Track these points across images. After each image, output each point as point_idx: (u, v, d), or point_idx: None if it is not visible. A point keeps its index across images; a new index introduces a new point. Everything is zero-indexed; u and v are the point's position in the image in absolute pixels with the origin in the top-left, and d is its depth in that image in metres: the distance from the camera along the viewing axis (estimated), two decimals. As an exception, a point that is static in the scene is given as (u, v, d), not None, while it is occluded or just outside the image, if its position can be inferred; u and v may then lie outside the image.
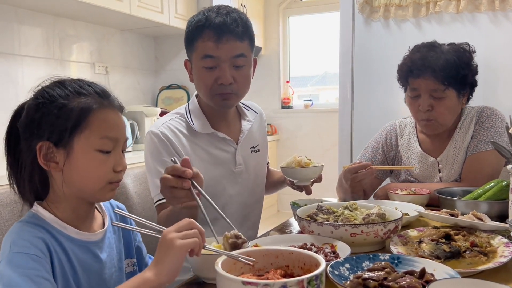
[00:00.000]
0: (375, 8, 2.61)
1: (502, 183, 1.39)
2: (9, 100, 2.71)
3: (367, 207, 1.24)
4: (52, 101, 0.90)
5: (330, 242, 1.06)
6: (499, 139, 1.59)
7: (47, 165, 0.90)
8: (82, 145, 0.89)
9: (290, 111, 5.05)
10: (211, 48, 1.33)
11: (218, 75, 1.35)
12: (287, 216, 1.56)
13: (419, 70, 1.59)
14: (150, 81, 3.88)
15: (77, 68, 3.18)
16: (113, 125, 0.94)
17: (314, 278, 0.70)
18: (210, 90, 1.37)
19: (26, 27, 2.80)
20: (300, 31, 5.14)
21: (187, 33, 1.41)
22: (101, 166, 0.91)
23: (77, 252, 0.93)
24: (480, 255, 1.00)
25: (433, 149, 1.73)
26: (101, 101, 0.93)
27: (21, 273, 0.80)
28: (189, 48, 1.41)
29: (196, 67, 1.39)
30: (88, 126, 0.90)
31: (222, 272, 0.73)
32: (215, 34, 1.32)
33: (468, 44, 1.66)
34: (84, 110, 0.90)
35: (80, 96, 0.91)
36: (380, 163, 1.81)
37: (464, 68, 1.59)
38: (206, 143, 1.44)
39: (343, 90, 2.75)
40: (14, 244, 0.84)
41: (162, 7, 3.32)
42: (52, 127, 0.89)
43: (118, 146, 0.94)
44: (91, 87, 0.94)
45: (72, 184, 0.92)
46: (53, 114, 0.89)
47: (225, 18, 1.33)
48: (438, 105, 1.60)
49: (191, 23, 1.39)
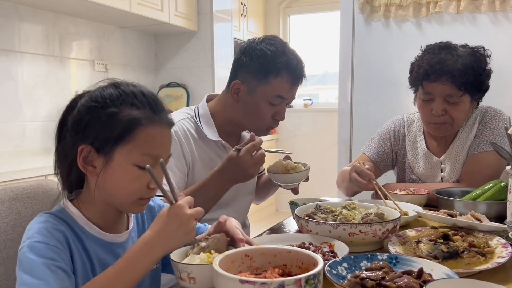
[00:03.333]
0: (376, 8, 2.61)
1: (500, 184, 1.39)
2: (9, 96, 2.71)
3: (365, 206, 1.24)
4: (103, 107, 0.89)
5: (329, 242, 1.06)
6: (501, 140, 1.58)
7: (85, 168, 0.90)
8: (122, 157, 0.88)
9: (290, 110, 5.04)
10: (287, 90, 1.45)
11: (278, 111, 1.47)
12: (285, 215, 1.56)
13: (437, 74, 1.54)
14: (149, 79, 3.88)
15: (77, 65, 3.18)
16: (158, 143, 0.92)
17: (312, 277, 0.70)
18: (268, 123, 1.49)
19: (27, 24, 2.79)
20: (300, 30, 5.14)
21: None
22: (136, 181, 0.90)
23: (98, 252, 0.93)
24: (478, 255, 1.00)
25: (438, 149, 1.73)
26: (152, 117, 0.90)
27: (40, 262, 0.81)
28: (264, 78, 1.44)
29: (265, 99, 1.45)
30: (132, 140, 0.88)
31: (219, 270, 0.73)
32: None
33: (483, 48, 1.62)
34: (132, 123, 0.88)
35: (132, 107, 0.89)
36: (385, 154, 1.80)
37: (481, 74, 1.56)
38: (211, 150, 1.49)
39: (342, 90, 2.75)
40: (37, 233, 0.85)
41: (162, 5, 3.32)
42: (97, 133, 0.88)
43: (158, 163, 0.90)
44: (145, 98, 0.92)
45: (104, 191, 0.91)
46: (101, 120, 0.88)
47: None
48: (452, 110, 1.58)
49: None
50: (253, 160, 1.29)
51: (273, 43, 1.44)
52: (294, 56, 1.45)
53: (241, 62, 1.46)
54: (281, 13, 5.08)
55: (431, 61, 1.57)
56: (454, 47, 1.60)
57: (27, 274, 0.80)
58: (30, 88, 2.84)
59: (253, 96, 1.44)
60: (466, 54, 1.57)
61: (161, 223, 0.84)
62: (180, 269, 0.84)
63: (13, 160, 2.56)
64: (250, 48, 1.44)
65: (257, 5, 4.86)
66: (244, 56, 1.45)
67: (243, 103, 1.46)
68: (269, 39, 1.46)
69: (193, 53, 3.86)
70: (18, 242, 1.06)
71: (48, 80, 2.96)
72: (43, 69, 2.93)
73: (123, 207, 0.94)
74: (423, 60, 1.61)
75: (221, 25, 3.87)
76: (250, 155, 1.29)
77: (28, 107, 2.83)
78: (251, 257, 0.83)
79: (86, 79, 3.25)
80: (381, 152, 1.80)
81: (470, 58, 1.55)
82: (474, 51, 1.60)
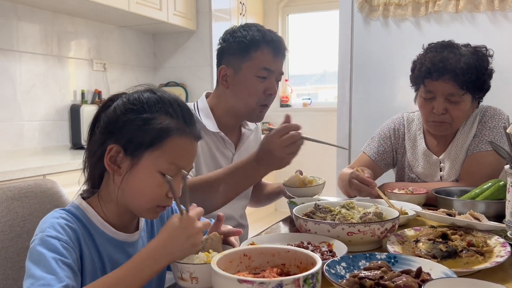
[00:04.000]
0: (374, 7, 2.61)
1: (499, 183, 1.39)
2: (7, 96, 2.70)
3: (364, 206, 1.23)
4: (140, 111, 0.91)
5: (327, 241, 1.06)
6: (500, 139, 1.58)
7: (110, 167, 0.91)
8: (149, 163, 0.90)
9: (289, 109, 5.04)
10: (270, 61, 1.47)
11: (269, 85, 1.48)
12: (284, 214, 1.56)
13: (440, 73, 1.54)
14: (148, 78, 3.87)
15: (75, 64, 3.18)
16: (185, 155, 0.94)
17: (310, 276, 0.70)
18: (260, 99, 1.49)
19: (25, 23, 2.79)
20: (299, 30, 5.13)
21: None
22: (157, 189, 0.91)
23: (110, 251, 0.94)
24: (477, 254, 1.00)
25: (437, 148, 1.72)
26: (184, 128, 0.92)
27: (50, 256, 0.81)
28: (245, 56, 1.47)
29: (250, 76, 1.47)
30: (162, 148, 0.90)
31: (218, 270, 0.72)
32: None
33: (485, 48, 1.62)
34: (164, 131, 0.90)
35: (166, 115, 0.91)
36: (386, 153, 1.80)
37: (483, 74, 1.56)
38: (210, 142, 1.51)
39: (341, 89, 2.75)
40: (49, 227, 0.86)
41: (161, 4, 3.31)
42: (130, 135, 0.90)
43: (180, 174, 0.93)
44: (180, 108, 0.94)
45: (124, 193, 0.92)
46: (136, 124, 0.90)
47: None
48: (453, 109, 1.57)
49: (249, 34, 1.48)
50: (282, 142, 1.23)
51: (249, 25, 1.51)
52: (269, 31, 1.50)
53: (222, 49, 1.52)
54: (280, 12, 5.08)
55: (434, 59, 1.57)
56: (456, 46, 1.60)
57: (35, 266, 0.80)
58: (29, 88, 2.84)
59: (240, 74, 1.47)
60: (469, 53, 1.56)
61: (170, 232, 0.85)
62: (181, 269, 0.84)
63: (11, 159, 2.55)
64: (227, 34, 1.51)
65: (256, 4, 4.86)
66: (223, 42, 1.52)
67: (232, 86, 1.49)
68: (244, 24, 1.53)
69: (191, 52, 3.86)
70: (16, 242, 1.07)
71: (47, 80, 2.96)
72: (42, 68, 2.92)
73: (140, 212, 0.95)
74: (426, 58, 1.60)
75: (220, 24, 3.87)
76: (279, 136, 1.24)
77: (27, 106, 2.82)
78: (250, 256, 0.83)
79: (85, 79, 3.25)
80: (381, 151, 1.80)
81: (472, 57, 1.55)
82: (477, 50, 1.59)
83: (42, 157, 2.71)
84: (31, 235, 0.88)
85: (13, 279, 1.06)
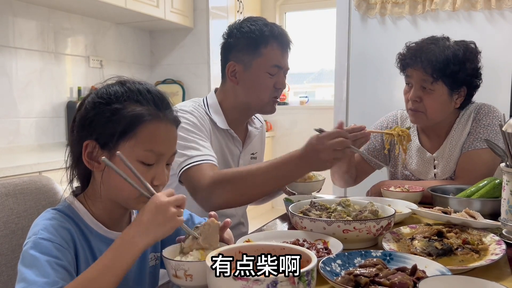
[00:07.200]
0: (372, 5, 2.61)
1: (495, 181, 1.39)
2: (3, 92, 2.69)
3: (360, 203, 1.24)
4: (108, 103, 0.90)
5: (323, 238, 1.06)
6: (495, 137, 1.58)
7: (90, 164, 0.91)
8: (125, 153, 0.87)
9: (286, 107, 5.04)
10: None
11: (278, 80, 1.49)
12: (281, 212, 1.56)
13: (411, 59, 1.61)
14: (145, 75, 3.87)
15: (72, 61, 3.17)
16: (162, 140, 0.92)
17: (305, 273, 0.70)
18: (271, 93, 1.50)
19: (21, 19, 2.78)
20: (297, 28, 5.13)
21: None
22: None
23: (103, 249, 0.92)
24: (472, 252, 1.00)
25: (431, 145, 1.73)
26: (156, 113, 0.91)
27: (43, 259, 0.81)
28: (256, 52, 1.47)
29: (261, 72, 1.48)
30: (135, 136, 0.89)
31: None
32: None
33: (474, 44, 1.64)
34: (135, 119, 0.89)
35: (136, 103, 0.90)
36: (378, 150, 1.81)
37: (455, 64, 1.56)
38: (220, 139, 1.51)
39: (338, 87, 2.75)
40: (42, 230, 0.85)
41: (158, 1, 3.30)
42: (102, 128, 0.89)
43: (162, 160, 0.92)
44: (150, 95, 0.92)
45: (109, 187, 0.92)
46: (105, 116, 0.89)
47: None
48: (427, 98, 1.60)
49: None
50: (331, 145, 1.20)
51: (254, 19, 1.50)
52: (275, 25, 1.50)
53: (229, 44, 1.50)
54: (277, 10, 5.07)
55: (412, 46, 1.65)
56: (443, 39, 1.63)
57: (28, 270, 0.79)
58: (25, 84, 2.83)
59: (251, 71, 1.47)
60: (451, 46, 1.60)
61: (139, 215, 0.84)
62: (175, 266, 0.83)
63: (7, 156, 2.54)
64: (234, 29, 1.50)
65: (253, 2, 4.85)
66: (230, 38, 1.50)
67: (243, 82, 1.49)
68: (248, 18, 1.52)
69: (188, 49, 3.85)
70: (10, 238, 1.06)
71: (43, 76, 2.94)
72: (38, 65, 2.91)
73: (128, 203, 0.94)
74: (407, 47, 1.68)
75: (217, 22, 3.86)
76: (330, 139, 1.21)
77: (23, 103, 2.81)
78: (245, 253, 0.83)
79: (81, 75, 3.24)
80: (371, 148, 1.80)
81: (451, 49, 1.58)
82: (462, 44, 1.62)
83: (38, 154, 2.71)
84: (26, 232, 0.88)
85: (7, 276, 1.05)
